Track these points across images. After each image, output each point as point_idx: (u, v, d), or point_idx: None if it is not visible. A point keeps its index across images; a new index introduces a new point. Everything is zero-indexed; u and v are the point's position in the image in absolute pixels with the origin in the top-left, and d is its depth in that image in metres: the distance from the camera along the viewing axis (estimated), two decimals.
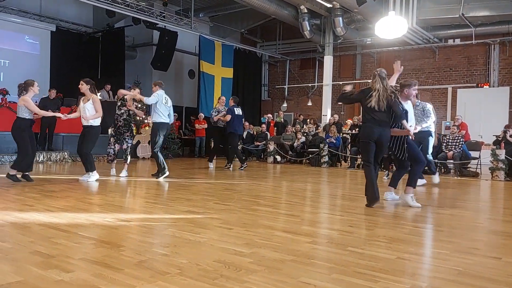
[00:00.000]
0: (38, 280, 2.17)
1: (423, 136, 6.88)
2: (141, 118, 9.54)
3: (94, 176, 6.51)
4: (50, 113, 7.05)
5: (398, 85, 5.19)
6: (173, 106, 7.80)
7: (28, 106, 6.06)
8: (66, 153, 10.71)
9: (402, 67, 5.30)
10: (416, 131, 5.87)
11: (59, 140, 11.05)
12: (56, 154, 10.56)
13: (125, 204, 4.68)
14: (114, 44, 14.57)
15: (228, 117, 9.43)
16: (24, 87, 6.18)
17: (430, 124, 6.84)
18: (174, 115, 14.27)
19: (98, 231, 3.31)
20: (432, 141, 7.31)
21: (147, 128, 12.14)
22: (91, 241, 2.99)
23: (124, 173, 7.42)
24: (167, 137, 13.23)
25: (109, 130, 7.83)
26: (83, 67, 13.25)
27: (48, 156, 10.39)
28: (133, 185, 6.51)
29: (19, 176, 6.19)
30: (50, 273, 2.27)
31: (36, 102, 11.07)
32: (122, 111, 7.42)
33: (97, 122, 6.51)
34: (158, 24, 13.49)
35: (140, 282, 2.18)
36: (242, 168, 9.47)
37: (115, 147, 7.45)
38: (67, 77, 12.30)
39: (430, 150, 7.37)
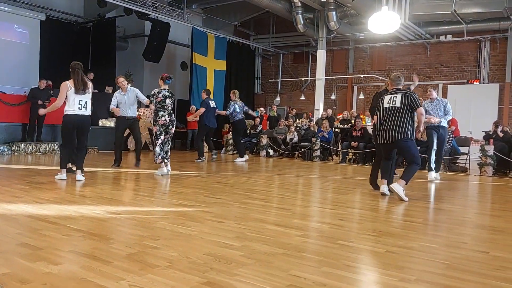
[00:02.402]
0: (25, 272, 2.15)
1: (440, 129, 7.37)
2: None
3: (60, 174, 5.65)
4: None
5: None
6: None
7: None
8: (55, 144, 10.61)
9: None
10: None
11: (49, 131, 10.94)
12: (45, 145, 10.46)
13: (115, 196, 4.65)
14: (105, 35, 14.39)
15: (202, 110, 9.48)
16: None
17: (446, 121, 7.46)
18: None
19: (87, 223, 3.28)
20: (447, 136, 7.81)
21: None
22: (80, 233, 2.97)
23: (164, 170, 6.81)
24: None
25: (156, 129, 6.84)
26: (73, 57, 12.92)
27: (37, 147, 10.28)
28: (124, 178, 6.46)
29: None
30: (38, 265, 2.25)
31: (25, 92, 11.00)
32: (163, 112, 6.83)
33: (67, 111, 5.52)
34: (150, 15, 13.36)
35: (130, 274, 2.17)
36: (199, 160, 9.50)
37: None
38: (57, 67, 12.15)
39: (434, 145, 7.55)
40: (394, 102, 5.09)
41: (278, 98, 18.27)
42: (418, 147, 9.34)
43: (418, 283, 2.21)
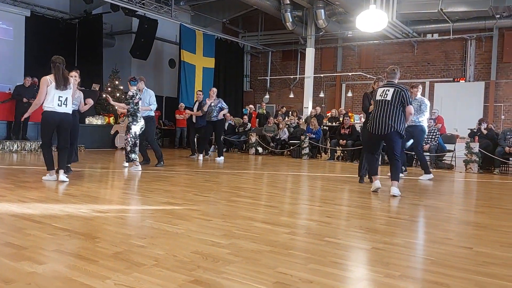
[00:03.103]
0: (9, 272, 2.12)
1: (413, 130, 7.15)
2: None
3: (48, 176, 5.34)
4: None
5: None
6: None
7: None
8: (41, 142, 10.46)
9: None
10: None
11: (34, 129, 10.78)
12: (31, 143, 10.31)
13: (101, 195, 4.61)
14: (92, 32, 14.22)
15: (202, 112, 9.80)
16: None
17: (423, 119, 7.22)
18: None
19: (73, 222, 3.25)
20: (424, 136, 7.52)
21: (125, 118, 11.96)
22: (66, 232, 2.94)
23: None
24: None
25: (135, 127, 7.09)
26: (59, 54, 12.74)
27: (23, 146, 10.13)
28: (111, 176, 6.41)
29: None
30: (22, 265, 2.22)
31: (9, 90, 10.82)
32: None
33: (45, 107, 5.22)
34: (137, 11, 13.23)
35: (115, 273, 2.15)
36: (207, 155, 10.21)
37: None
38: (42, 64, 11.92)
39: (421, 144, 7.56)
40: (386, 95, 5.19)
41: (267, 96, 18.29)
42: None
43: (403, 279, 2.23)
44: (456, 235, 3.39)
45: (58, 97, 5.18)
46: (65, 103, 5.24)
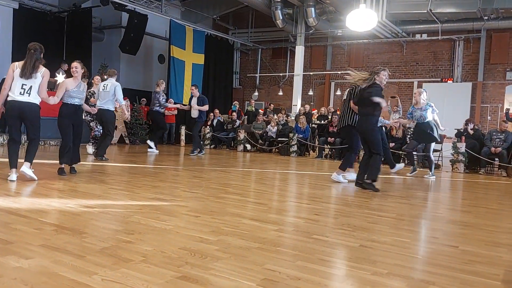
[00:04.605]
0: None
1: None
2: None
3: (10, 175, 4.94)
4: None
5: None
6: (141, 90, 8.00)
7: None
8: (26, 136, 10.30)
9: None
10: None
11: None
12: None
13: (89, 190, 4.56)
14: (81, 25, 14.02)
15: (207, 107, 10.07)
16: None
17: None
18: (143, 100, 13.98)
19: (60, 217, 3.21)
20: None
21: None
22: (52, 227, 2.90)
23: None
24: (135, 122, 13.04)
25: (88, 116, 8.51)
26: (47, 48, 12.38)
27: (8, 139, 9.97)
28: (99, 171, 6.35)
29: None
30: (8, 260, 2.19)
31: None
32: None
33: (8, 96, 4.87)
34: (127, 6, 13.08)
35: (103, 269, 2.13)
36: (201, 153, 10.17)
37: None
38: None
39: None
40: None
41: (256, 93, 18.27)
42: (393, 143, 9.59)
43: (390, 276, 2.26)
44: (443, 233, 3.43)
45: (21, 85, 4.76)
46: (28, 92, 4.79)
